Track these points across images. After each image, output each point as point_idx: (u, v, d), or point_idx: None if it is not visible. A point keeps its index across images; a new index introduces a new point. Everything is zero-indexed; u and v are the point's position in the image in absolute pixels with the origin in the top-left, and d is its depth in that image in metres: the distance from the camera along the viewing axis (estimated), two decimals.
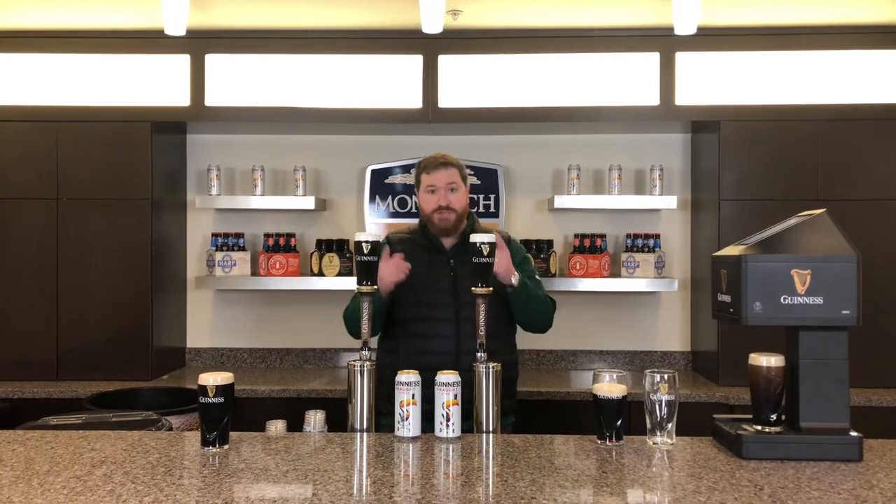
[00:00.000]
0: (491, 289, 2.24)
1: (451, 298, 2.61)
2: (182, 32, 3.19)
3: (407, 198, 3.99)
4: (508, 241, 2.70)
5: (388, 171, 3.99)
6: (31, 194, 3.66)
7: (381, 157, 4.00)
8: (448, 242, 2.71)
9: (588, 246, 3.76)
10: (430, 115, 3.66)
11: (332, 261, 3.77)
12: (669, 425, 1.94)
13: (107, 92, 3.68)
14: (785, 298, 1.87)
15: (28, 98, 3.69)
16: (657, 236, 3.84)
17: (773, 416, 1.92)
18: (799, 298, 1.87)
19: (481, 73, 3.67)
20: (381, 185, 3.99)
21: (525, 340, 2.91)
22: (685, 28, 3.11)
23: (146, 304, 3.66)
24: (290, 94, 3.69)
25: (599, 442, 1.98)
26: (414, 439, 2.01)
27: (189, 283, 4.06)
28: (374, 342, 2.43)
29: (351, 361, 2.15)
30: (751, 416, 1.97)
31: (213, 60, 3.69)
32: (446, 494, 1.61)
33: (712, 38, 3.59)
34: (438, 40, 3.60)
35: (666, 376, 1.93)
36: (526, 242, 3.78)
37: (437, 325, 2.60)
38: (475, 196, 3.97)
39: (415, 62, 3.66)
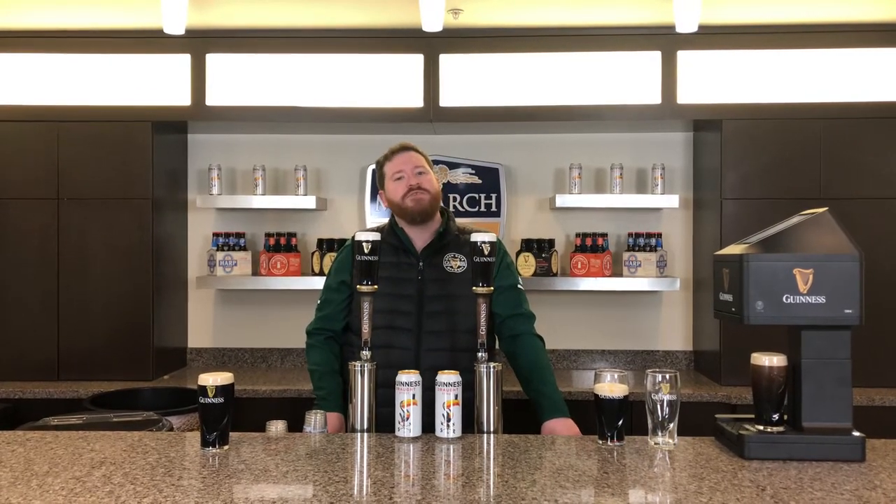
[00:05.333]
0: (492, 288, 2.16)
1: (413, 307, 2.41)
2: (181, 31, 3.19)
3: None
4: (492, 245, 2.40)
5: None
6: (32, 194, 3.65)
7: None
8: (419, 243, 2.48)
9: (590, 245, 3.75)
10: (432, 115, 3.65)
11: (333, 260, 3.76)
12: (671, 425, 1.93)
13: (107, 92, 3.68)
14: (787, 298, 1.86)
15: (28, 98, 3.68)
16: (659, 235, 3.83)
17: (776, 416, 1.91)
18: (801, 298, 1.86)
19: (483, 72, 3.66)
20: None
21: None
22: (687, 26, 3.10)
23: (147, 304, 3.66)
24: (291, 94, 3.69)
25: (601, 442, 1.97)
26: (414, 439, 2.00)
27: (190, 282, 4.05)
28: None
29: (351, 362, 2.14)
30: (753, 416, 1.96)
31: (213, 60, 3.69)
32: (447, 495, 1.60)
33: (714, 37, 3.58)
34: (439, 39, 3.60)
35: (668, 376, 1.92)
36: (527, 242, 3.79)
37: (397, 336, 2.38)
38: (476, 195, 3.97)
39: (416, 61, 3.66)
